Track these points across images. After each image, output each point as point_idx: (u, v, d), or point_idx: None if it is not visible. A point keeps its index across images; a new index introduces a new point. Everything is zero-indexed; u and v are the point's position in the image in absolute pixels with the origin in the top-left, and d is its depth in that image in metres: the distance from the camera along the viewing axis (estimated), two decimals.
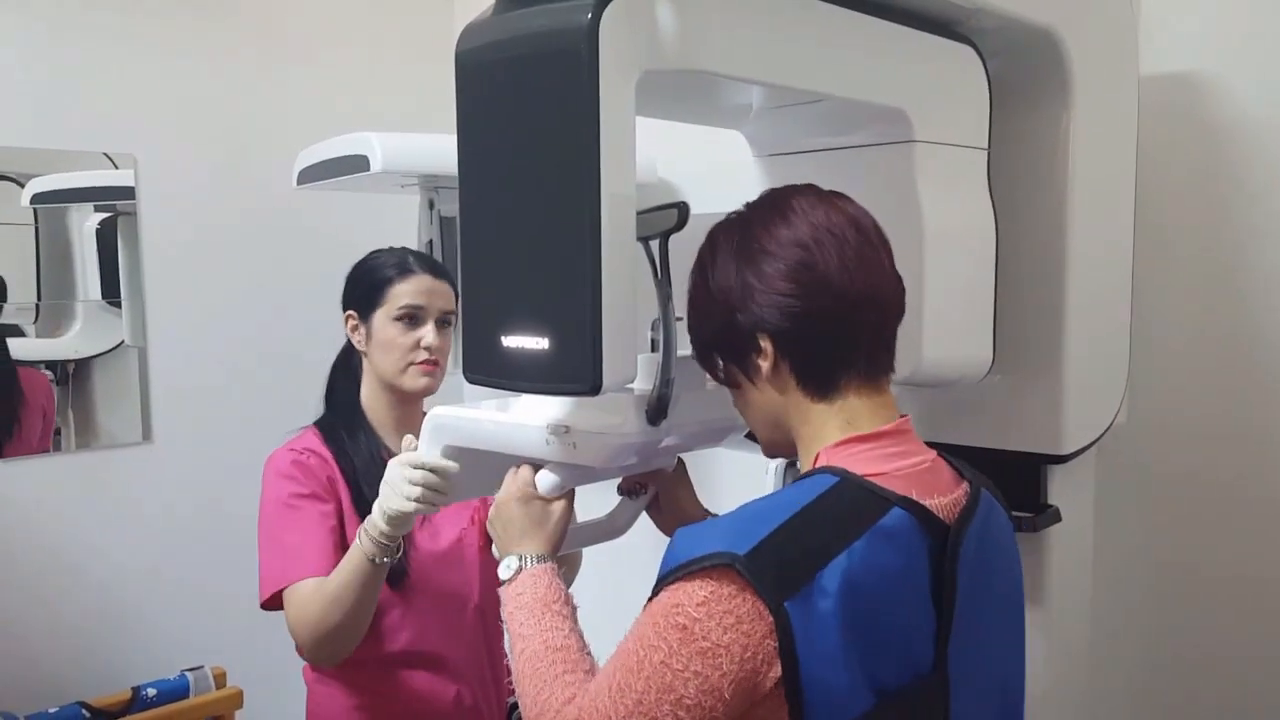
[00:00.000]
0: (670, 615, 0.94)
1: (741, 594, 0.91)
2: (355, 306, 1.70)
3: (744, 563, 0.91)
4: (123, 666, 2.50)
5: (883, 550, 0.95)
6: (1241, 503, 1.76)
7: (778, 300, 1.02)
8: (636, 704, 0.93)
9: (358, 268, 1.73)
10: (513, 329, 1.05)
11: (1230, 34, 1.73)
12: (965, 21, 1.39)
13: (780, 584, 0.91)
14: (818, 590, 0.91)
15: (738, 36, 1.11)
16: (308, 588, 1.52)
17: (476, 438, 1.28)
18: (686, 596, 0.93)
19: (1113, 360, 1.65)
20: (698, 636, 0.92)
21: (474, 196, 1.08)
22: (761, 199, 1.10)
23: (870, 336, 1.06)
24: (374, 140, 1.98)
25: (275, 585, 1.56)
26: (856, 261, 1.04)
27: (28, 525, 2.39)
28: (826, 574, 0.92)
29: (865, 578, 0.93)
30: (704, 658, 0.92)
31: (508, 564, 1.16)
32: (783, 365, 1.05)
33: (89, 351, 2.49)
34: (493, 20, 1.05)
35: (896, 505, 0.97)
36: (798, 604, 0.91)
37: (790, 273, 1.02)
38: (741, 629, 0.91)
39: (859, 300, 1.03)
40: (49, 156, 2.40)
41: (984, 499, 1.06)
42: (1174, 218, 1.79)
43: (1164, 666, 1.86)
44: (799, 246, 1.03)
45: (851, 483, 0.99)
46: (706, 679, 0.92)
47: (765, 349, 1.04)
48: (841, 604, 0.91)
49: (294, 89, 2.72)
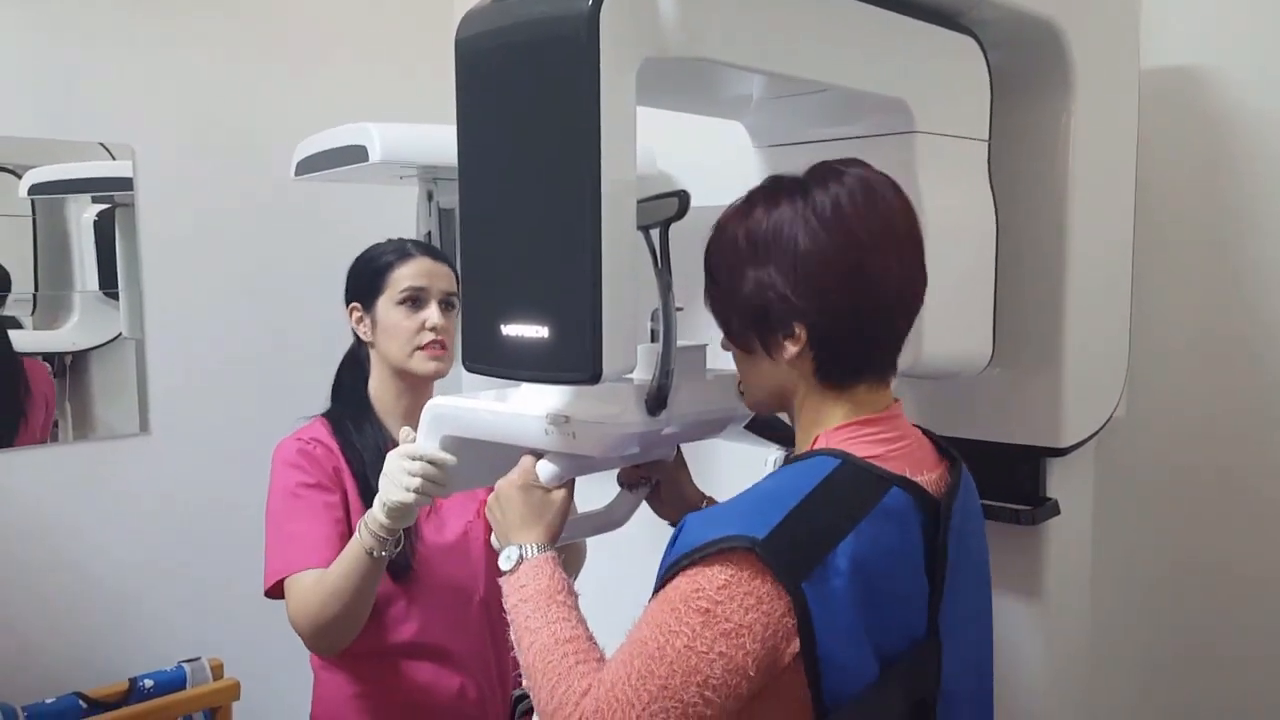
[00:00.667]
0: (691, 600, 0.96)
1: (761, 576, 0.95)
2: (358, 298, 1.71)
3: (763, 546, 0.94)
4: (120, 658, 2.50)
5: (886, 529, 1.00)
6: (1241, 497, 1.76)
7: (829, 300, 1.03)
8: (661, 689, 0.95)
9: (357, 261, 1.73)
10: (512, 318, 1.05)
11: (1232, 26, 1.73)
12: (967, 12, 1.39)
13: (796, 566, 0.95)
14: (831, 570, 0.96)
15: (739, 25, 1.11)
16: (309, 579, 1.52)
17: (475, 428, 1.27)
18: (707, 581, 0.96)
19: (1112, 353, 1.65)
20: (720, 619, 0.94)
21: (474, 184, 1.08)
22: (829, 174, 1.07)
23: (897, 338, 1.10)
24: (373, 131, 1.97)
25: (278, 575, 1.57)
26: (904, 269, 1.07)
27: (24, 516, 2.39)
28: (838, 554, 0.96)
29: (871, 556, 0.98)
30: (728, 639, 0.94)
31: (508, 554, 1.16)
32: (809, 354, 1.06)
33: (86, 344, 2.49)
34: (493, 6, 1.05)
35: (895, 485, 1.03)
36: (813, 584, 0.95)
37: (847, 278, 1.03)
38: (762, 609, 0.94)
39: (898, 306, 1.08)
40: (47, 146, 2.39)
41: (965, 474, 1.12)
42: (1174, 210, 1.78)
43: (1164, 660, 1.86)
44: (860, 249, 1.03)
45: (853, 465, 1.03)
46: (731, 659, 0.94)
47: (799, 335, 1.05)
48: (852, 582, 0.96)
49: (292, 80, 2.71)
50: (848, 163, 1.09)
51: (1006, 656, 1.63)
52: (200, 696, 2.33)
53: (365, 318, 1.70)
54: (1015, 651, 1.62)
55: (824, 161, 1.10)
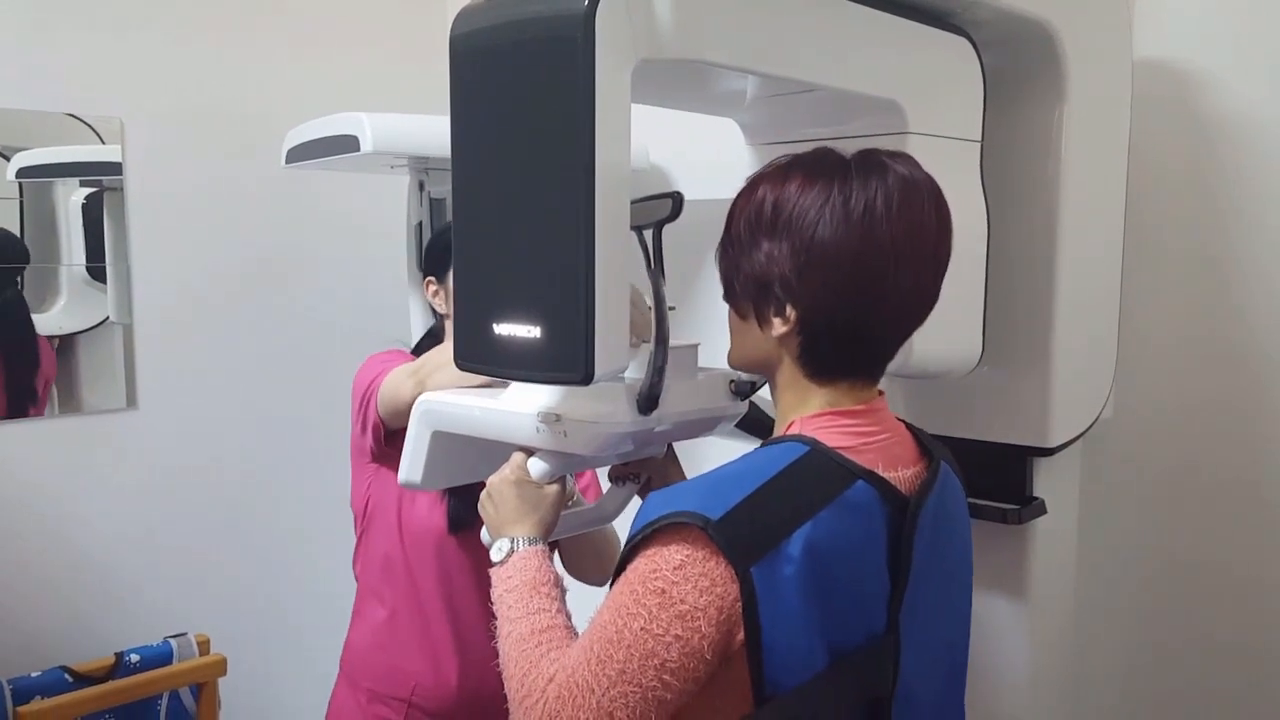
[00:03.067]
0: (648, 580, 0.96)
1: (715, 558, 0.94)
2: (433, 271, 1.74)
3: (715, 527, 0.94)
4: (106, 632, 2.49)
5: (846, 520, 0.99)
6: (1227, 496, 1.78)
7: (828, 295, 1.02)
8: (620, 673, 0.95)
9: (432, 237, 1.78)
10: (504, 317, 1.05)
11: (1224, 27, 1.73)
12: (961, 13, 1.39)
13: (747, 549, 0.94)
14: (783, 557, 0.95)
15: (734, 26, 1.11)
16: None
17: (466, 424, 1.27)
18: (663, 560, 0.96)
19: (1101, 354, 1.66)
20: (675, 600, 0.94)
21: (467, 182, 1.08)
22: (874, 167, 1.03)
23: (889, 347, 1.09)
24: (364, 120, 1.96)
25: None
26: (917, 284, 1.05)
27: (10, 489, 2.38)
28: (792, 541, 0.95)
29: (828, 546, 0.96)
30: (683, 621, 0.94)
31: (499, 546, 1.16)
32: (796, 339, 1.05)
33: (73, 327, 2.47)
34: (488, 5, 1.04)
35: (860, 479, 1.01)
36: (763, 569, 0.94)
37: (853, 279, 1.01)
38: (716, 591, 0.94)
39: (900, 319, 1.06)
40: (33, 124, 2.37)
41: (942, 472, 1.09)
42: (1163, 212, 1.79)
43: (1148, 659, 1.87)
44: (877, 257, 1.01)
45: (820, 454, 1.01)
46: (687, 642, 0.94)
47: (790, 317, 1.04)
48: (804, 570, 0.95)
49: (284, 65, 2.69)
50: (897, 157, 1.05)
51: (991, 654, 1.65)
52: (186, 671, 2.32)
53: (440, 289, 1.73)
54: (1000, 649, 1.64)
55: (874, 150, 1.06)
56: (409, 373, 1.55)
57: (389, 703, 1.74)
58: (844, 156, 1.05)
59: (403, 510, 1.72)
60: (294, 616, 2.75)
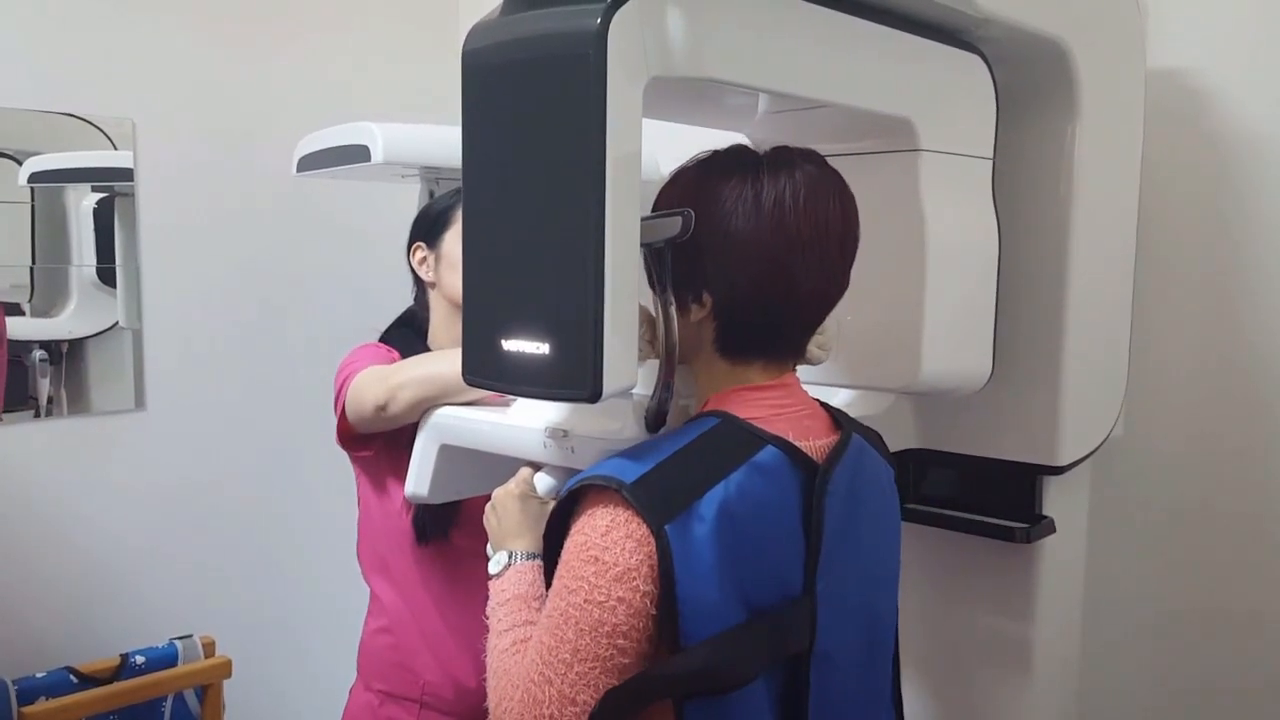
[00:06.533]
0: (581, 552, 1.00)
1: (636, 520, 0.99)
2: (423, 237, 1.75)
3: (630, 489, 0.99)
4: (111, 633, 2.49)
5: (757, 482, 1.04)
6: (1238, 518, 1.76)
7: (741, 284, 1.07)
8: (574, 654, 0.98)
9: (428, 204, 1.79)
10: (513, 332, 1.04)
11: (1238, 42, 1.73)
12: (973, 30, 1.38)
13: (663, 510, 0.99)
14: (695, 516, 0.99)
15: (746, 44, 1.11)
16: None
17: (474, 438, 1.27)
18: (590, 529, 1.01)
19: (1111, 372, 1.65)
20: (610, 564, 0.99)
21: (477, 198, 1.07)
22: (784, 164, 1.09)
23: (801, 332, 1.13)
24: (375, 131, 1.96)
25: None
26: (825, 273, 1.10)
27: (17, 490, 2.38)
28: (704, 502, 1.00)
29: (739, 506, 1.01)
30: (621, 583, 0.98)
31: (498, 559, 1.17)
32: (712, 323, 1.11)
33: (83, 332, 2.48)
34: (500, 21, 1.04)
35: (770, 444, 1.06)
36: (677, 527, 0.99)
37: (765, 270, 1.07)
38: (644, 551, 0.99)
39: (810, 306, 1.12)
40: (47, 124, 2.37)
41: (854, 443, 1.14)
42: (1175, 230, 1.78)
43: (1157, 679, 1.86)
44: (787, 248, 1.06)
45: (731, 423, 1.07)
46: (630, 603, 0.98)
47: (706, 303, 1.09)
48: (717, 528, 1.00)
49: (297, 71, 2.70)
50: (806, 155, 1.11)
51: (997, 672, 1.64)
52: (191, 673, 2.32)
53: (429, 255, 1.73)
54: (1006, 668, 1.63)
55: (785, 147, 1.12)
56: (380, 377, 1.54)
57: (401, 703, 1.73)
58: (757, 154, 1.11)
59: (381, 510, 1.73)
60: (300, 619, 2.76)
